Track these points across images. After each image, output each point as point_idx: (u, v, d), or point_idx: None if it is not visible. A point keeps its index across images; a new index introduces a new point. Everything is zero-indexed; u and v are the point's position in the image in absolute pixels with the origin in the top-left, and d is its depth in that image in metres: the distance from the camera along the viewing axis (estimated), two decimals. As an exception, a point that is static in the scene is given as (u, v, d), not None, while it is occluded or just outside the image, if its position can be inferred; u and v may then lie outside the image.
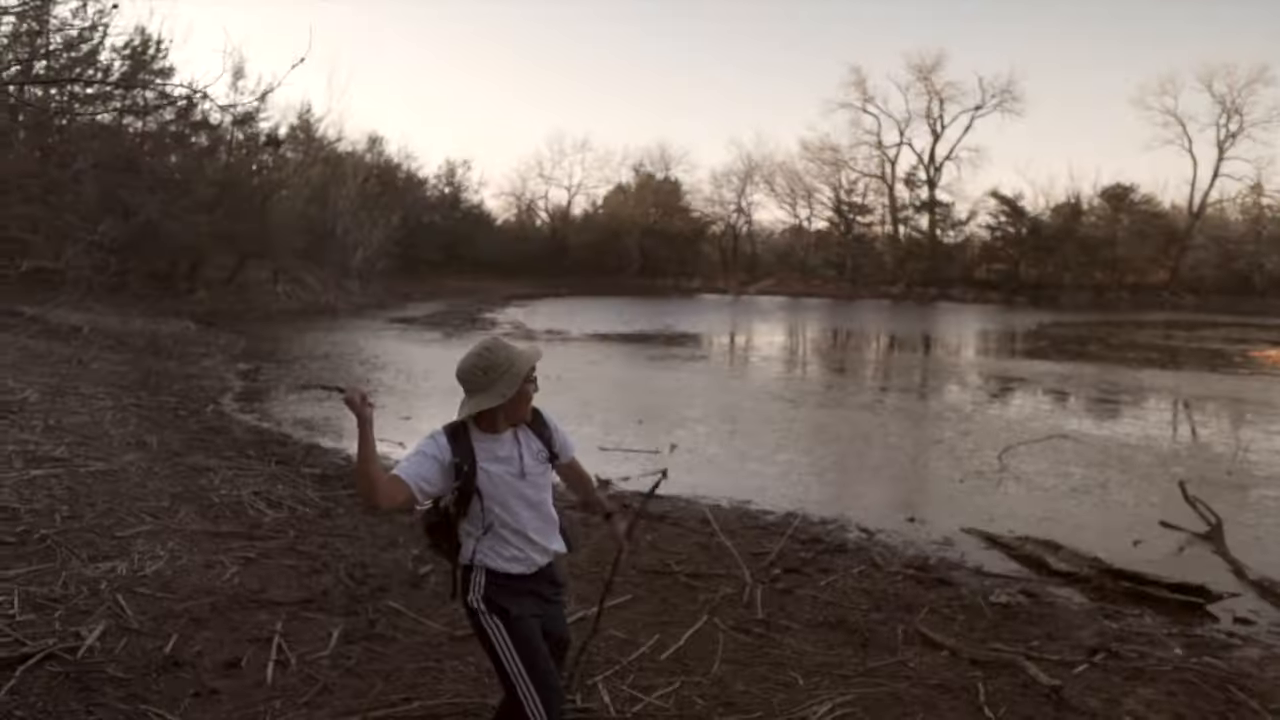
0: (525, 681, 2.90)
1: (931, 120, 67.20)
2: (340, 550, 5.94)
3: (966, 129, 66.80)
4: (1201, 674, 4.50)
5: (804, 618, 5.12)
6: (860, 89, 67.70)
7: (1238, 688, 4.34)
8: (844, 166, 68.88)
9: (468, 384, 2.96)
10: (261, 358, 18.59)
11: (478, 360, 2.96)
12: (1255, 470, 10.05)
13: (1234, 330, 35.03)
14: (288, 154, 43.28)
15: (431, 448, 2.92)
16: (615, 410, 13.02)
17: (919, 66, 66.79)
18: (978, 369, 21.09)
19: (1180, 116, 64.35)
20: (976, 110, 66.09)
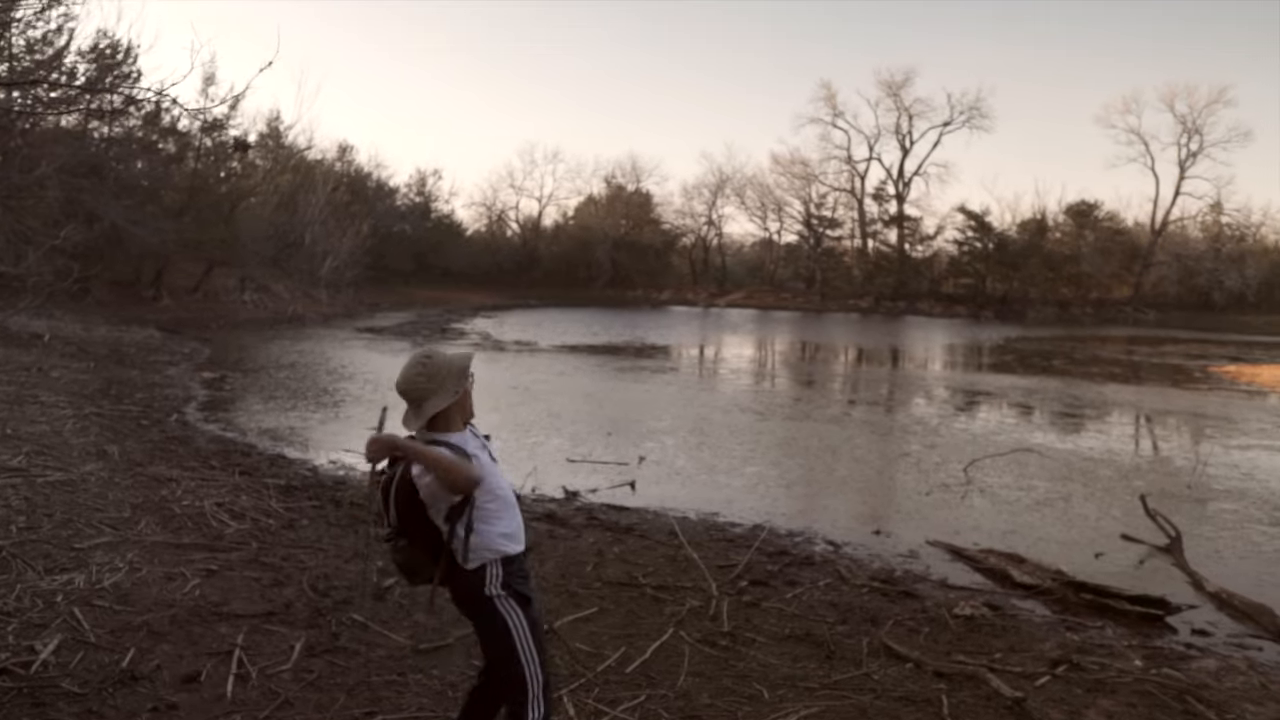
0: (535, 665, 3.03)
1: (900, 136, 67.93)
2: (303, 562, 5.87)
3: (935, 145, 67.62)
4: (1161, 685, 4.55)
5: (770, 630, 5.12)
6: (830, 104, 68.32)
7: (1195, 698, 4.40)
8: (814, 180, 69.41)
9: (415, 392, 3.05)
10: (227, 366, 18.39)
11: (421, 369, 3.06)
12: (1214, 484, 10.20)
13: (1194, 346, 35.60)
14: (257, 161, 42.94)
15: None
16: (584, 422, 12.99)
17: (888, 83, 67.53)
18: (944, 383, 21.27)
19: (1143, 135, 65.55)
20: (945, 126, 66.92)
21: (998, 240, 63.57)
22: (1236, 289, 60.34)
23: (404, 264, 56.07)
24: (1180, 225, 66.35)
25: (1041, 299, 61.57)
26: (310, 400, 14.29)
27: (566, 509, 8.01)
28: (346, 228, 43.61)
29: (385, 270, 51.36)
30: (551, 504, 8.20)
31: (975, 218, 64.20)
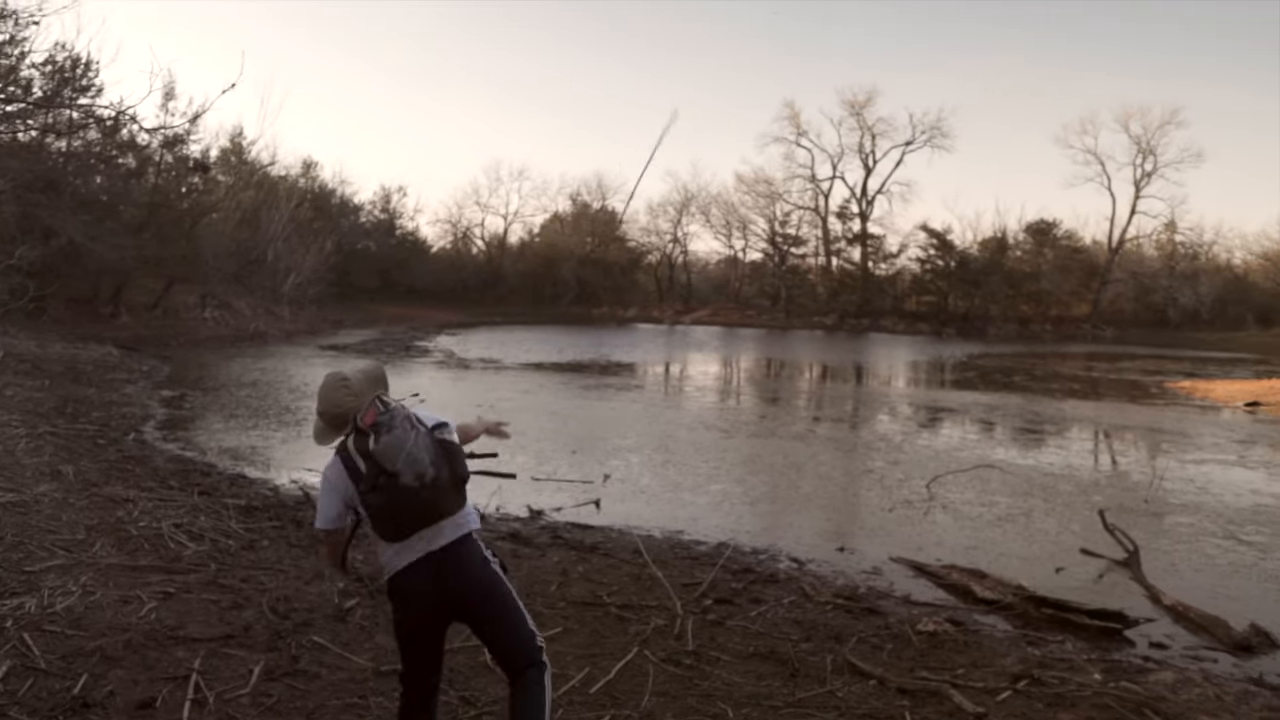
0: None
1: (863, 155, 68.65)
2: (263, 584, 5.78)
3: (897, 164, 68.38)
4: (1119, 698, 4.60)
5: (734, 649, 5.12)
6: (794, 123, 68.95)
7: (1153, 711, 4.45)
8: (778, 199, 69.93)
9: (345, 409, 3.15)
10: (187, 385, 18.14)
11: (345, 388, 3.19)
12: (1170, 498, 10.36)
13: (1150, 362, 36.21)
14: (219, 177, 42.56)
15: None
16: (549, 440, 12.95)
17: (851, 102, 68.30)
18: (908, 399, 21.45)
19: (1100, 156, 66.83)
20: (907, 146, 67.72)
21: (959, 258, 64.38)
22: (1190, 306, 61.62)
23: (368, 281, 55.76)
24: (1136, 244, 67.67)
25: (1002, 316, 62.39)
26: (272, 419, 14.12)
27: (531, 528, 7.97)
28: (310, 244, 43.31)
29: (349, 287, 51.03)
30: (516, 523, 8.16)
31: (937, 236, 65.02)
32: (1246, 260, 69.02)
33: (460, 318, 52.70)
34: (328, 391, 3.20)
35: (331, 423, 3.20)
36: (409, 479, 2.95)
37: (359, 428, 3.04)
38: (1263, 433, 16.45)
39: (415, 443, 2.98)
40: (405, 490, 2.95)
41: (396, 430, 2.98)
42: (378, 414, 3.03)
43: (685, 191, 71.90)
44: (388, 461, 2.95)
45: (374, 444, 2.97)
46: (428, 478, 2.97)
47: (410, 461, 2.95)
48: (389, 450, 2.95)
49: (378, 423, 3.00)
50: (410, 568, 3.11)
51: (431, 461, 2.99)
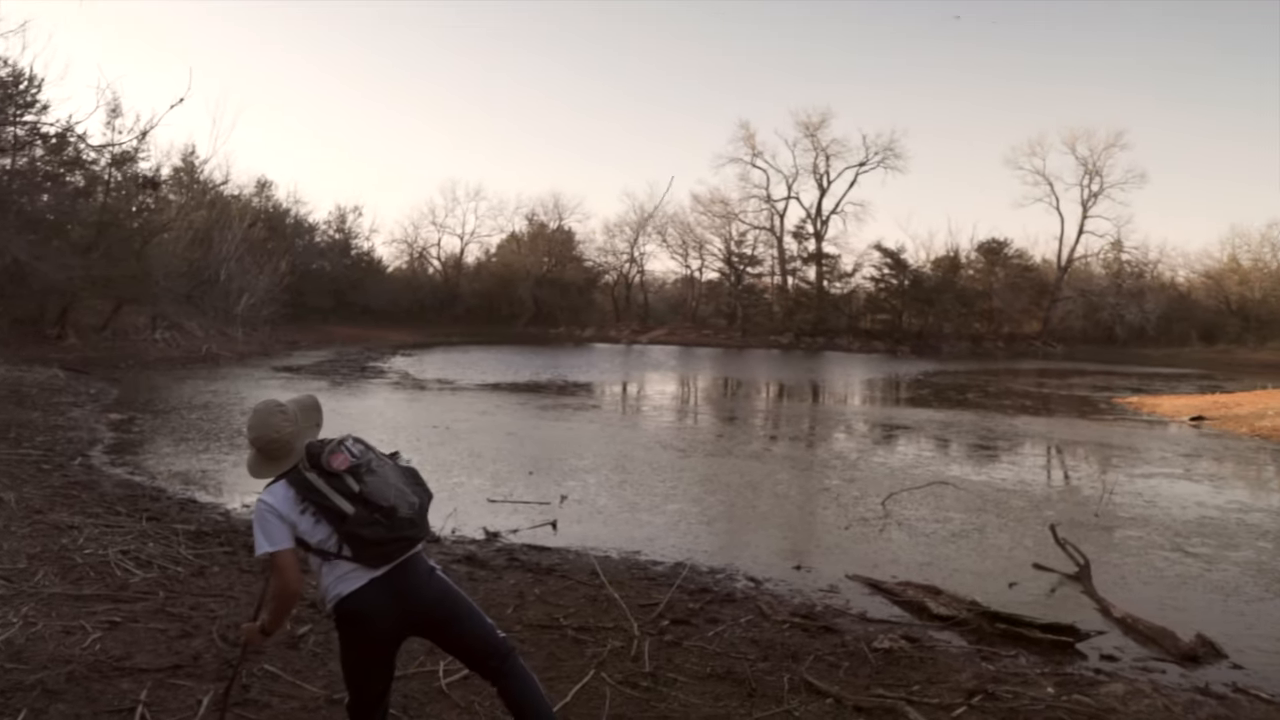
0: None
1: (818, 175, 69.56)
2: (214, 611, 5.68)
3: (851, 184, 69.40)
4: (1071, 711, 4.65)
5: (692, 669, 5.11)
6: (749, 144, 69.70)
7: (1104, 724, 4.50)
8: (734, 219, 70.58)
9: (283, 438, 3.12)
10: (136, 408, 17.80)
11: (282, 415, 3.15)
12: (1120, 512, 10.54)
13: (1100, 378, 36.90)
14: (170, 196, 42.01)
15: None
16: (505, 461, 12.87)
17: (806, 124, 69.22)
18: (864, 417, 21.63)
19: (1048, 176, 68.44)
20: (860, 166, 68.74)
21: (913, 277, 65.29)
22: (1137, 323, 63.04)
23: (323, 301, 55.27)
24: (1084, 262, 69.19)
25: (956, 334, 63.33)
26: (224, 442, 13.89)
27: (487, 550, 7.91)
28: (264, 264, 42.87)
29: (303, 308, 50.55)
30: (472, 545, 8.09)
31: (891, 255, 65.90)
32: (1189, 278, 70.82)
33: (416, 338, 52.35)
34: (264, 416, 3.14)
35: (266, 450, 3.13)
36: (405, 511, 3.07)
37: (329, 470, 3.04)
38: (1207, 446, 16.80)
39: (395, 476, 3.14)
40: (404, 521, 3.06)
41: (376, 464, 3.11)
42: (350, 458, 3.08)
43: (642, 211, 72.31)
44: (382, 499, 3.04)
45: (360, 486, 3.04)
46: (416, 506, 3.12)
47: (400, 495, 3.09)
48: (380, 489, 3.06)
49: (356, 465, 3.07)
50: (362, 590, 3.08)
51: (413, 490, 3.17)
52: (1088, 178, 66.95)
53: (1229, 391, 28.08)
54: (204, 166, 45.56)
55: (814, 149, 69.10)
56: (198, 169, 45.34)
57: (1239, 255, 69.09)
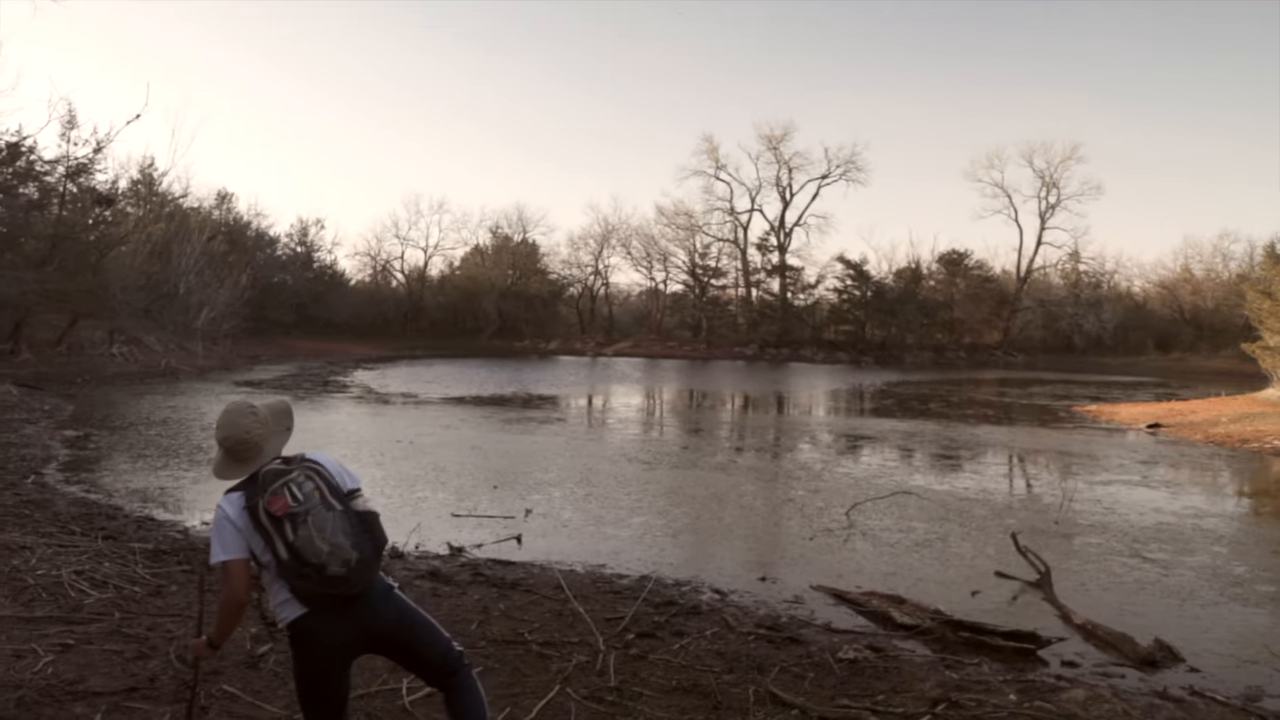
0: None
1: (781, 188, 70.08)
2: (171, 631, 5.57)
3: (814, 197, 70.09)
4: (1033, 717, 4.69)
5: (657, 683, 5.09)
6: (713, 157, 70.10)
7: (1065, 731, 4.55)
8: (698, 231, 70.92)
9: (253, 439, 3.07)
10: (92, 424, 17.49)
11: (253, 416, 3.10)
12: (1080, 519, 10.67)
13: (1059, 387, 37.43)
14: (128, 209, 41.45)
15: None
16: (469, 475, 12.80)
17: (768, 137, 69.78)
18: (828, 427, 21.76)
19: (1006, 189, 69.67)
20: (823, 179, 69.38)
21: (876, 288, 65.90)
22: (1094, 332, 64.15)
23: (285, 315, 54.78)
24: (1043, 273, 70.34)
25: (918, 344, 63.98)
26: (183, 458, 13.69)
27: (451, 565, 7.84)
28: (224, 278, 42.43)
29: (265, 321, 50.08)
30: (435, 561, 8.02)
31: (854, 267, 66.48)
32: (1145, 288, 72.31)
33: (380, 352, 51.96)
34: (233, 416, 3.07)
35: (234, 451, 3.06)
36: (336, 569, 2.88)
37: (270, 513, 2.91)
38: (1164, 453, 17.09)
39: (334, 527, 2.90)
40: (334, 579, 2.89)
41: (314, 515, 2.89)
42: (289, 503, 2.90)
43: (606, 224, 72.46)
44: (312, 555, 2.86)
45: (293, 536, 2.88)
46: (353, 562, 2.90)
47: (334, 551, 2.87)
48: (309, 544, 2.87)
49: (293, 514, 2.89)
50: (309, 615, 3.01)
51: (354, 544, 2.92)
52: (1045, 190, 68.26)
53: (1184, 399, 28.60)
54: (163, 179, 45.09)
55: (777, 162, 69.75)
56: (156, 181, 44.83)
57: (1192, 265, 70.74)
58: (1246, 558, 9.09)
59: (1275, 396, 25.57)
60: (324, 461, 3.10)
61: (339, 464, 3.16)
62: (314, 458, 3.09)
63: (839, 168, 68.87)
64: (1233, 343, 39.22)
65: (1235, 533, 10.40)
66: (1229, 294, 60.35)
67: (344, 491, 3.02)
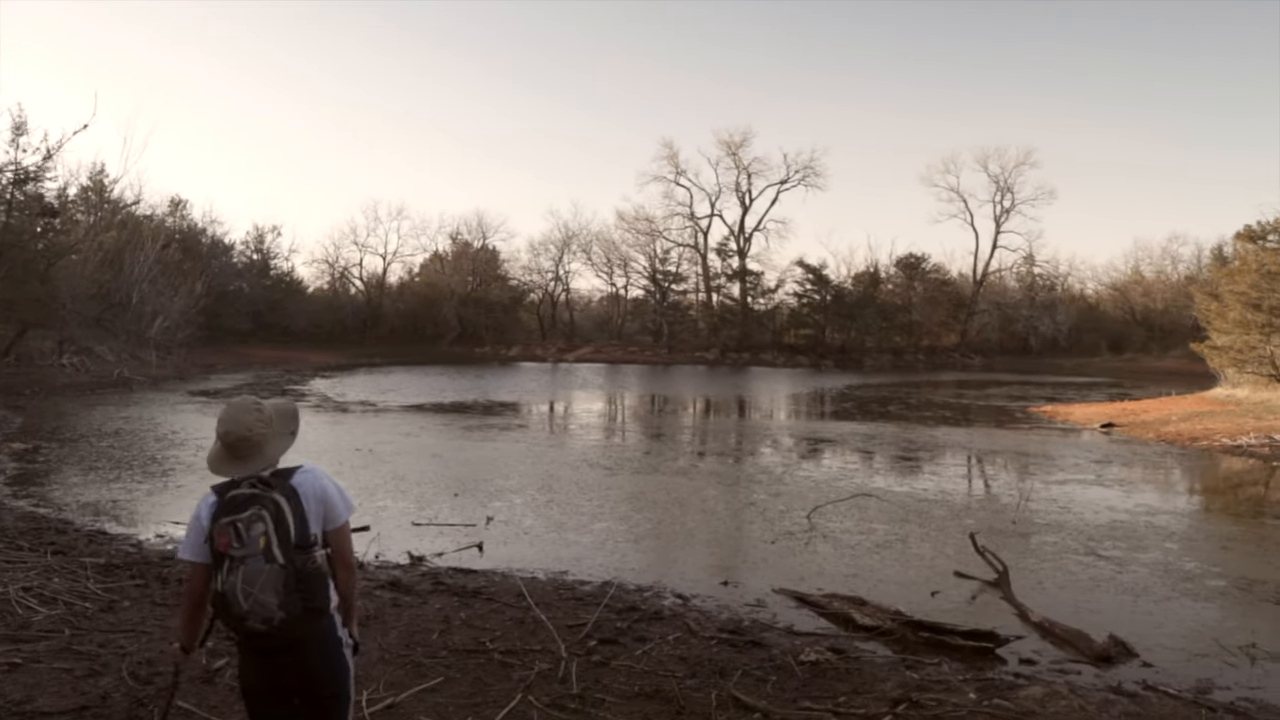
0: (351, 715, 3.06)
1: (740, 193, 70.48)
2: (123, 648, 5.46)
3: (773, 202, 70.53)
4: (992, 715, 4.74)
5: (619, 689, 5.08)
6: (673, 162, 70.36)
7: (1023, 728, 4.60)
8: (658, 236, 71.13)
9: (255, 437, 2.95)
10: (42, 436, 17.12)
11: (257, 414, 2.98)
12: (1036, 518, 10.82)
13: (1015, 388, 37.96)
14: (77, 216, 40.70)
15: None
16: (430, 483, 12.70)
17: (728, 142, 70.17)
18: (789, 431, 21.87)
19: (962, 193, 70.66)
20: (782, 184, 69.88)
21: (835, 292, 66.49)
22: (1049, 334, 65.18)
23: (241, 323, 54.11)
24: (999, 276, 71.35)
25: (877, 347, 64.64)
26: (136, 470, 13.44)
27: (412, 575, 7.77)
28: (178, 286, 41.79)
29: (221, 330, 49.42)
30: (396, 570, 7.95)
31: (813, 271, 67.01)
32: (1098, 290, 73.62)
33: (338, 359, 51.47)
34: (237, 412, 2.95)
35: (233, 447, 2.93)
36: (256, 624, 2.76)
37: (214, 546, 2.80)
38: (1117, 452, 17.38)
39: (265, 583, 2.75)
40: (252, 632, 2.79)
41: (248, 565, 2.76)
42: (231, 544, 2.77)
43: (566, 230, 72.37)
44: (234, 604, 2.76)
45: (224, 578, 2.77)
46: (275, 621, 2.77)
47: (257, 607, 2.75)
48: (234, 593, 2.75)
49: (230, 556, 2.77)
50: (242, 648, 2.94)
51: (281, 603, 2.76)
52: (1000, 194, 69.34)
53: (1136, 399, 29.13)
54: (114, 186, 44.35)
55: (736, 167, 70.14)
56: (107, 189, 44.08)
57: (1142, 268, 72.12)
58: (1197, 553, 9.27)
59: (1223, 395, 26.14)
60: (304, 493, 2.91)
61: (325, 494, 2.97)
62: (297, 484, 2.91)
63: (798, 173, 69.52)
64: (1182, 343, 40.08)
65: (1186, 529, 10.60)
66: (1178, 295, 61.70)
67: (295, 542, 2.82)
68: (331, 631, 2.95)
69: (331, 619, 2.94)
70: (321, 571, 2.87)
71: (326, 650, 2.93)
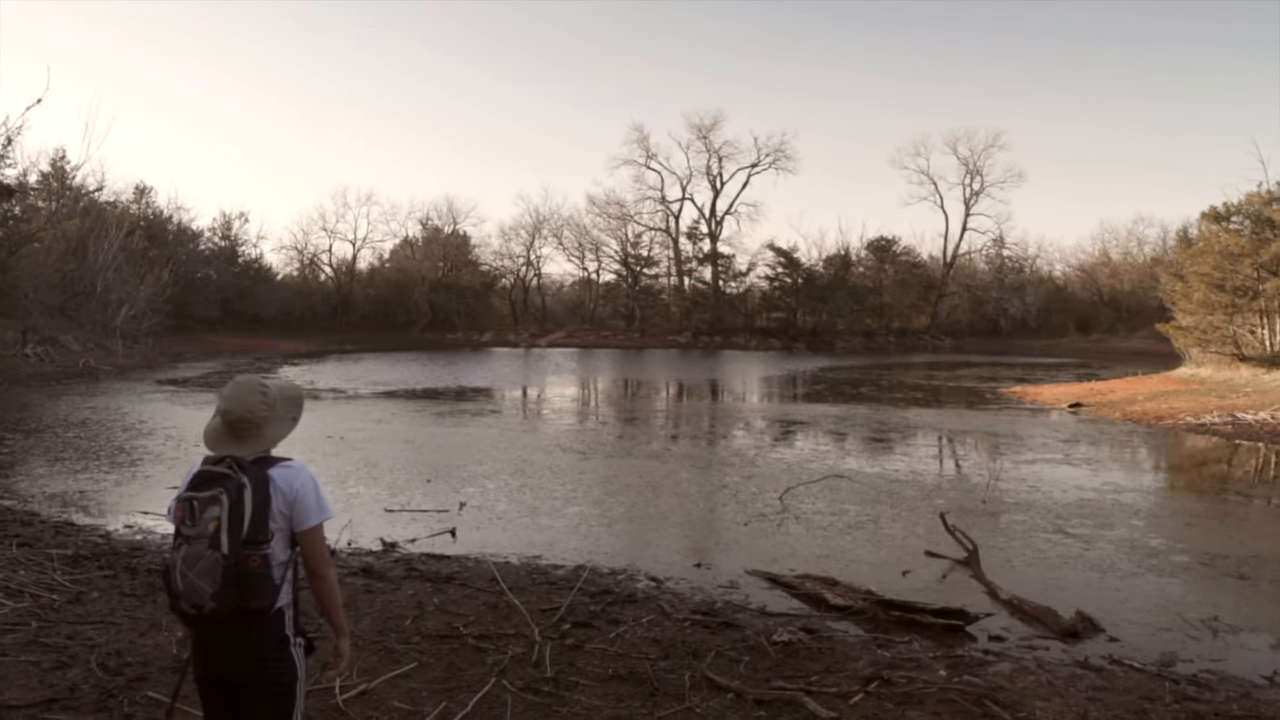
0: (301, 714, 2.89)
1: (711, 177, 70.44)
2: (92, 639, 5.40)
3: (744, 185, 70.52)
4: (962, 692, 4.80)
5: (593, 672, 5.09)
6: (643, 146, 70.20)
7: (993, 701, 4.67)
8: (629, 221, 70.99)
9: (255, 418, 2.86)
10: (6, 428, 16.86)
11: (262, 395, 2.88)
12: (1006, 497, 10.95)
13: (985, 369, 38.31)
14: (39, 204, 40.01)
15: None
16: (402, 470, 12.65)
17: (698, 126, 70.07)
18: (761, 414, 21.96)
19: (932, 176, 71.00)
20: (753, 168, 69.91)
21: (806, 275, 66.68)
22: (1019, 315, 65.80)
23: (209, 311, 53.52)
24: (969, 258, 71.85)
25: (849, 330, 64.93)
26: (104, 460, 13.28)
27: (384, 561, 7.75)
28: (144, 274, 41.22)
29: (189, 318, 48.86)
30: (368, 557, 7.91)
31: (784, 254, 67.14)
32: (1066, 272, 74.40)
33: (308, 347, 51.06)
34: (241, 392, 2.86)
35: (233, 426, 2.84)
36: (186, 606, 2.68)
37: (174, 520, 2.74)
38: (1085, 432, 17.61)
39: (203, 569, 2.64)
40: (183, 614, 2.71)
41: (192, 547, 2.67)
42: (184, 521, 2.69)
43: (537, 214, 72.05)
44: (172, 581, 2.68)
45: (171, 553, 2.70)
46: (205, 610, 2.66)
47: (190, 590, 2.65)
48: (173, 570, 2.68)
49: (181, 533, 2.70)
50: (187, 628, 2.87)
51: (215, 594, 2.64)
52: (969, 177, 69.75)
53: (1103, 379, 29.51)
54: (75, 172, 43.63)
55: (707, 151, 70.07)
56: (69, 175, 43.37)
57: (1109, 249, 72.88)
58: (1162, 530, 9.42)
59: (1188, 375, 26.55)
60: (277, 486, 2.80)
61: (298, 494, 2.85)
62: (273, 475, 2.80)
63: (768, 156, 69.56)
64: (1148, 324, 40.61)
65: (1151, 506, 10.77)
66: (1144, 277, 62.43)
67: (245, 535, 2.70)
68: (273, 629, 2.82)
69: (275, 618, 2.81)
70: (262, 574, 2.72)
71: (266, 646, 2.81)
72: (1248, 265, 25.49)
